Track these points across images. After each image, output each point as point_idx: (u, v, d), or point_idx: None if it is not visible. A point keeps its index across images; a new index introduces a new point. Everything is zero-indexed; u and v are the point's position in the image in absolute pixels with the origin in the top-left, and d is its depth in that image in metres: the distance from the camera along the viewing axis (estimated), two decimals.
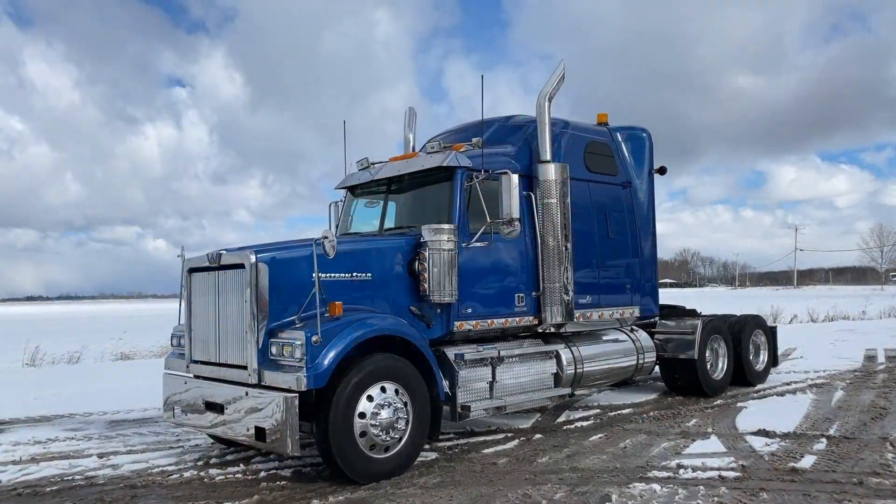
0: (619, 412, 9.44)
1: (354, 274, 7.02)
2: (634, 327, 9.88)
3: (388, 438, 6.44)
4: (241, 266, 6.53)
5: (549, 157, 8.26)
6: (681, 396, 10.58)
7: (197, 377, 7.17)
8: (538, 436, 8.03)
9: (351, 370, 6.30)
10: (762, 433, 7.83)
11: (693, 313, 11.03)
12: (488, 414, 7.51)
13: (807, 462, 6.59)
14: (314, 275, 6.35)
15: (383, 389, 6.50)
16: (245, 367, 6.45)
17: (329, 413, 6.14)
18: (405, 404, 6.62)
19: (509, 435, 8.18)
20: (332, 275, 6.81)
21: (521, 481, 6.27)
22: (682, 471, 6.38)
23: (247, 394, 6.37)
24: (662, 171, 10.12)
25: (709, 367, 10.56)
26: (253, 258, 6.43)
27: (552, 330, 8.47)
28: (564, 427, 8.56)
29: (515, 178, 7.38)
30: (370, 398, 6.39)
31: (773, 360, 12.03)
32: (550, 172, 8.20)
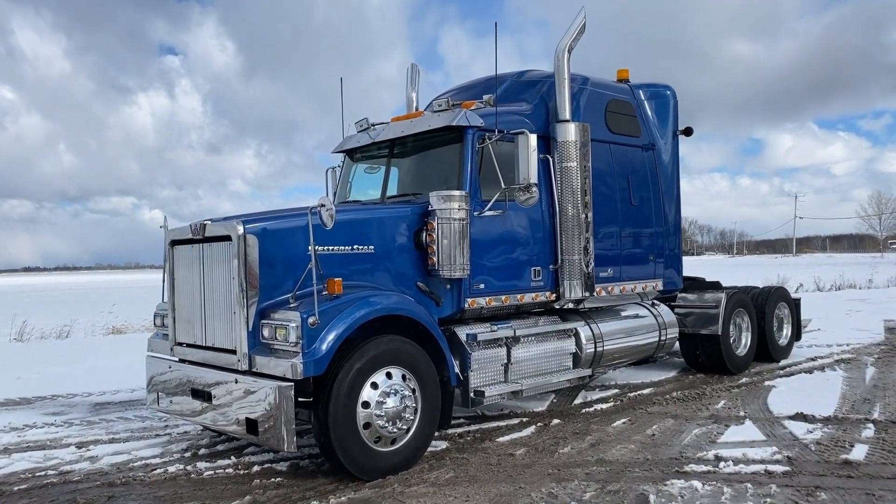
0: (639, 392, 8.80)
1: (355, 246, 6.29)
2: (655, 301, 9.20)
3: (394, 430, 5.77)
4: (228, 238, 5.80)
5: (568, 115, 7.48)
6: (702, 374, 9.94)
7: (182, 361, 6.49)
8: (556, 421, 7.39)
9: (353, 355, 5.62)
10: (800, 417, 7.20)
11: (715, 286, 10.34)
12: (503, 399, 6.85)
13: (859, 453, 5.95)
14: (310, 248, 5.63)
15: (389, 375, 5.82)
16: (234, 352, 5.76)
17: (329, 403, 5.46)
18: (413, 391, 5.95)
19: (524, 420, 7.53)
20: (331, 248, 6.08)
21: (544, 477, 5.63)
22: (722, 464, 5.73)
23: (236, 381, 5.68)
24: (688, 132, 9.33)
25: (731, 342, 9.91)
26: (240, 229, 5.69)
27: (570, 306, 7.77)
28: (583, 410, 7.92)
29: (533, 138, 6.60)
30: (374, 385, 5.72)
31: (797, 334, 11.38)
32: (570, 133, 7.42)
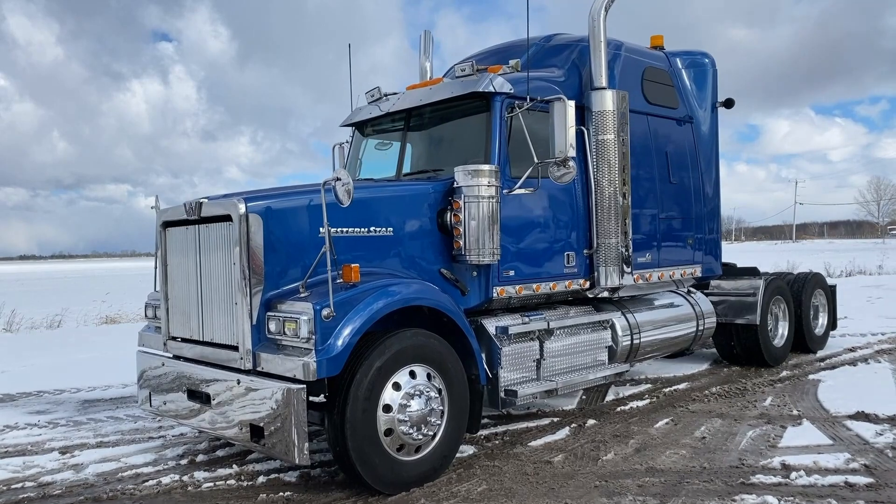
0: (674, 388, 8.11)
1: (372, 228, 5.55)
2: (691, 289, 8.49)
3: (419, 436, 5.06)
4: (228, 218, 5.05)
5: (604, 82, 6.73)
6: (737, 367, 9.27)
7: (176, 358, 5.76)
8: (591, 422, 6.69)
9: (372, 352, 4.89)
10: (862, 416, 6.51)
11: (752, 272, 9.63)
12: (535, 399, 6.14)
13: None
14: (323, 229, 4.90)
15: (412, 374, 5.10)
16: (235, 348, 5.03)
17: (346, 407, 4.75)
18: (439, 392, 5.24)
19: (555, 420, 6.84)
20: (345, 229, 5.35)
21: (590, 490, 4.93)
22: (793, 474, 5.03)
23: (238, 382, 4.96)
24: (729, 103, 8.57)
25: (769, 332, 9.22)
26: (242, 208, 4.95)
27: (605, 294, 7.05)
28: (618, 409, 7.22)
29: (571, 105, 5.85)
30: (397, 386, 5.00)
31: (833, 323, 10.70)
32: (607, 101, 6.67)
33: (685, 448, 5.82)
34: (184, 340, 5.69)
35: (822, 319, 10.50)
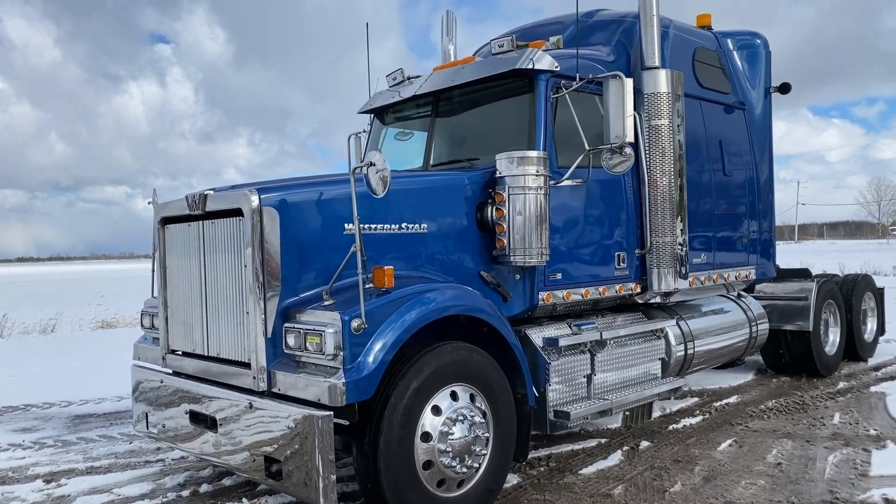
0: (725, 402, 7.36)
1: (403, 224, 4.80)
2: (741, 293, 7.74)
3: (462, 469, 4.31)
4: (238, 213, 4.30)
5: (657, 61, 5.98)
6: (786, 377, 8.52)
7: (177, 374, 5.01)
8: (644, 443, 5.94)
9: (407, 370, 4.14)
10: None
11: (801, 273, 8.88)
12: (588, 420, 5.39)
13: None
14: (350, 225, 4.16)
15: (454, 396, 4.35)
16: (247, 365, 4.28)
17: (379, 436, 4.00)
18: (484, 415, 4.49)
19: (602, 441, 6.09)
20: (374, 226, 4.60)
21: None
22: None
23: (251, 405, 4.20)
24: (785, 88, 7.82)
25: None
26: (255, 200, 4.19)
27: (657, 300, 6.29)
28: (669, 427, 6.47)
29: (630, 83, 5.10)
30: (437, 410, 4.25)
31: (881, 328, 9.96)
32: (661, 82, 5.92)
33: (762, 477, 5.06)
34: (185, 354, 4.94)
35: (872, 325, 9.79)
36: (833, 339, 8.81)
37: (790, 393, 7.68)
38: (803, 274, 8.82)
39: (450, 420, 4.27)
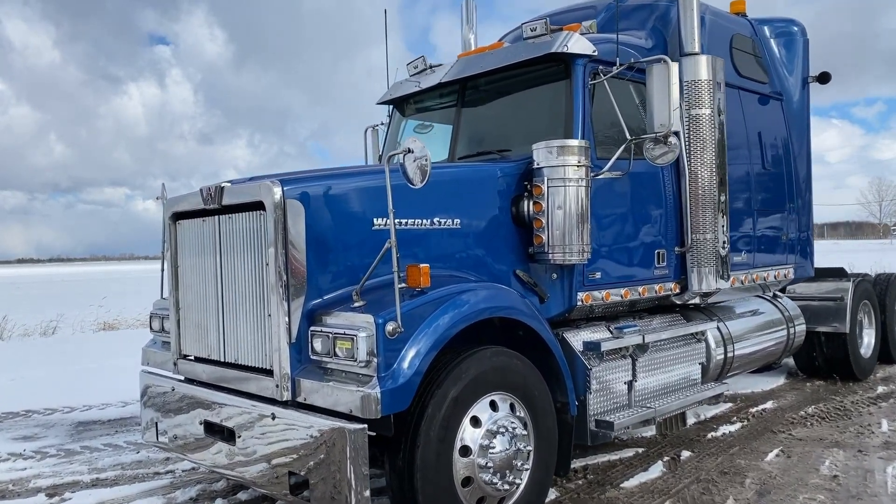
0: (761, 408, 7.01)
1: (436, 219, 4.45)
2: (776, 293, 7.38)
3: (504, 486, 3.96)
4: (259, 206, 3.94)
5: (697, 47, 5.62)
6: (820, 380, 8.16)
7: (189, 381, 4.65)
8: (687, 453, 5.58)
9: (445, 377, 3.79)
10: None
11: (837, 272, 8.53)
12: (630, 430, 5.04)
13: None
14: (379, 220, 3.81)
15: (493, 406, 4.00)
16: (269, 373, 3.92)
17: (415, 451, 3.64)
18: (525, 426, 4.13)
19: (639, 451, 5.73)
20: (406, 221, 4.24)
21: None
22: None
23: (273, 417, 3.84)
24: (824, 78, 7.46)
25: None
26: (278, 192, 3.84)
27: (696, 301, 5.94)
28: (708, 435, 6.12)
29: (675, 68, 4.75)
30: (476, 422, 3.89)
31: None
32: (701, 69, 5.55)
33: (820, 491, 4.71)
34: (198, 360, 4.58)
35: None
36: (868, 340, 8.46)
37: (828, 398, 7.33)
38: (838, 273, 8.47)
39: (490, 432, 3.91)
